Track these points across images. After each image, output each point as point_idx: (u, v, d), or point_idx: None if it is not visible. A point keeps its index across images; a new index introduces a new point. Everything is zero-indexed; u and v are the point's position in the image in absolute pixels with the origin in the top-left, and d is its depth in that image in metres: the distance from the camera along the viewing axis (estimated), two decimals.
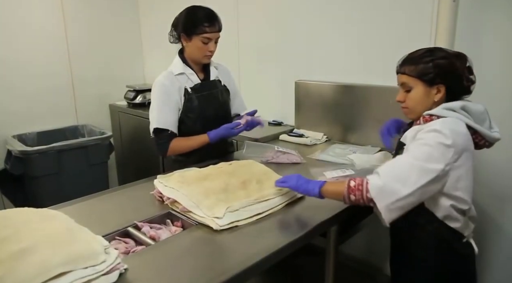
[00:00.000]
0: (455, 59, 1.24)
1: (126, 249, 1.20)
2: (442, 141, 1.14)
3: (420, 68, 1.25)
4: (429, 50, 1.27)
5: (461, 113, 1.22)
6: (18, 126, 3.13)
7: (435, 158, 1.13)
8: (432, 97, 1.26)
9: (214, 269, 1.07)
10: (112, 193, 1.63)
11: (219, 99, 1.95)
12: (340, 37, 2.31)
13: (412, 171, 1.14)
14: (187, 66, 1.87)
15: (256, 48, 2.81)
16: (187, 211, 1.36)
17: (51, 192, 2.83)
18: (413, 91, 1.28)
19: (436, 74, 1.23)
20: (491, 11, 1.72)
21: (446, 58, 1.24)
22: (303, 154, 2.07)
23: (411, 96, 1.28)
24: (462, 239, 1.26)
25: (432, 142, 1.15)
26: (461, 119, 1.21)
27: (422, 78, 1.25)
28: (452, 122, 1.18)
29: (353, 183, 1.22)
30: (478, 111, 1.25)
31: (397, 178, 1.15)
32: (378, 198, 1.16)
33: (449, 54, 1.26)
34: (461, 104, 1.22)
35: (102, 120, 3.64)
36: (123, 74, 3.77)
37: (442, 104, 1.24)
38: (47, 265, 0.88)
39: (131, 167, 3.66)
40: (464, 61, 1.25)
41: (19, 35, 3.07)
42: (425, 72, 1.24)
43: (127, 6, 3.74)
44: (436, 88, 1.24)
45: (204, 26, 1.73)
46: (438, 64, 1.23)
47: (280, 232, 1.27)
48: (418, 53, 1.28)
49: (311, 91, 2.45)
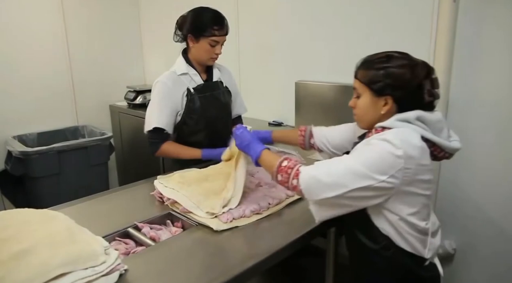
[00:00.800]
0: (414, 70, 1.10)
1: (126, 250, 1.20)
2: (391, 151, 1.03)
3: (370, 75, 1.13)
4: (388, 56, 1.14)
5: (416, 124, 1.10)
6: (18, 127, 3.13)
7: (380, 168, 1.03)
8: (379, 109, 1.14)
9: (214, 269, 1.07)
10: (112, 193, 1.63)
11: (221, 101, 1.95)
12: (340, 38, 2.31)
13: (350, 173, 1.05)
14: (190, 66, 1.86)
15: (256, 49, 2.81)
16: (187, 211, 1.36)
17: (52, 193, 2.83)
18: (361, 99, 1.17)
19: (386, 84, 1.10)
20: (492, 11, 1.72)
21: (402, 67, 1.10)
22: (303, 154, 2.07)
23: (359, 104, 1.18)
24: (424, 262, 1.15)
25: (381, 150, 1.04)
26: (416, 131, 1.09)
27: (370, 86, 1.13)
28: (405, 133, 1.07)
29: (285, 163, 1.16)
30: (434, 120, 1.13)
31: (330, 175, 1.06)
32: (306, 189, 1.10)
33: (409, 63, 1.12)
34: (416, 115, 1.10)
35: (102, 121, 3.64)
36: (123, 75, 3.77)
37: (395, 115, 1.12)
38: (47, 266, 0.88)
39: (131, 167, 3.66)
40: (426, 72, 1.12)
41: (19, 36, 3.08)
42: (373, 80, 1.12)
43: (127, 7, 3.74)
44: (384, 100, 1.12)
45: (213, 29, 1.72)
46: (389, 73, 1.10)
47: (280, 233, 1.27)
48: (376, 56, 1.16)
49: (311, 91, 2.45)
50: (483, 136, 1.81)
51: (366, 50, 2.17)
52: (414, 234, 1.11)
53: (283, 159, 1.18)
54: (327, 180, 1.06)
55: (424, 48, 1.91)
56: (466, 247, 1.96)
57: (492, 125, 1.78)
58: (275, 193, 1.48)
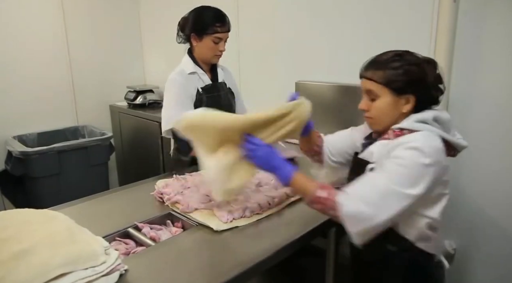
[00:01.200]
0: (427, 66, 1.12)
1: (126, 250, 1.20)
2: (421, 161, 1.01)
3: (388, 75, 1.10)
4: (398, 54, 1.13)
5: (434, 125, 1.10)
6: (18, 127, 3.13)
7: (413, 182, 1.01)
8: (400, 108, 1.12)
9: (214, 269, 1.07)
10: (112, 193, 1.63)
11: (226, 102, 1.95)
12: (340, 38, 2.31)
13: (387, 196, 1.02)
14: (197, 66, 1.86)
15: (256, 49, 2.81)
16: (187, 211, 1.36)
17: (52, 193, 2.83)
18: (380, 100, 1.13)
19: (406, 82, 1.09)
20: (492, 11, 1.72)
21: (417, 64, 1.11)
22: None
23: (377, 106, 1.14)
24: (434, 259, 1.18)
25: (410, 162, 1.02)
26: (434, 132, 1.08)
27: (390, 86, 1.10)
28: (430, 138, 1.06)
29: (322, 194, 1.09)
30: (447, 120, 1.13)
31: (369, 204, 1.02)
32: (350, 223, 1.04)
33: (420, 59, 1.13)
34: (433, 115, 1.10)
35: (102, 121, 3.64)
36: (124, 75, 3.77)
37: (412, 116, 1.11)
38: (47, 266, 0.88)
39: (131, 167, 3.66)
40: (434, 68, 1.14)
41: (19, 36, 3.07)
42: (394, 80, 1.10)
43: (127, 7, 3.74)
44: (405, 98, 1.11)
45: (216, 26, 1.74)
46: (408, 71, 1.09)
47: (280, 233, 1.27)
48: (386, 56, 1.14)
49: (311, 91, 2.44)
50: (484, 137, 1.80)
51: (366, 50, 2.17)
52: (429, 233, 1.12)
53: (318, 188, 1.11)
54: (368, 212, 1.01)
55: (424, 48, 1.91)
56: (466, 247, 1.96)
57: (492, 125, 1.78)
58: (275, 193, 1.48)
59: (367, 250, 1.13)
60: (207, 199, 1.42)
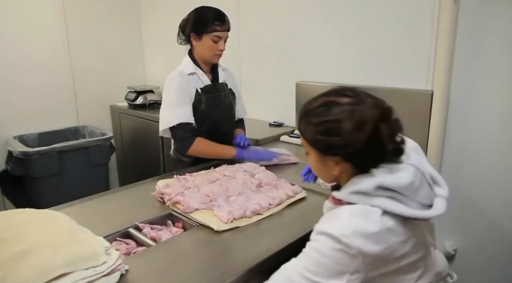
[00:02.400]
0: (360, 116, 0.87)
1: (127, 250, 1.20)
2: (341, 248, 0.83)
3: (310, 132, 0.93)
4: (328, 104, 0.91)
5: (376, 195, 0.87)
6: (19, 127, 3.13)
7: (333, 272, 0.84)
8: (330, 170, 0.95)
9: (215, 270, 1.07)
10: (113, 194, 1.62)
11: (226, 102, 1.95)
12: (341, 38, 2.31)
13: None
14: (197, 66, 1.86)
15: (256, 49, 2.82)
16: (188, 211, 1.36)
17: (52, 193, 2.83)
18: (309, 157, 1.00)
19: (329, 142, 0.90)
20: (493, 12, 1.72)
21: (345, 118, 0.87)
22: (304, 155, 2.07)
23: (310, 162, 1.01)
24: None
25: (327, 249, 0.84)
26: (378, 206, 0.87)
27: (313, 145, 0.94)
28: (361, 215, 0.86)
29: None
30: (403, 185, 0.87)
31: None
32: None
33: (352, 109, 0.88)
34: (375, 184, 0.87)
35: (103, 121, 3.64)
36: (124, 75, 3.78)
37: (351, 183, 0.91)
38: (48, 266, 0.88)
39: (132, 168, 3.66)
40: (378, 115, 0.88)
41: (19, 36, 3.08)
42: (314, 139, 0.93)
43: (128, 7, 3.74)
44: (333, 160, 0.93)
45: (214, 25, 1.74)
46: (329, 129, 0.89)
47: (281, 233, 1.27)
48: (314, 105, 0.94)
49: (312, 92, 2.41)
50: (484, 137, 1.81)
51: (367, 51, 2.19)
52: None
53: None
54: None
55: (425, 49, 1.92)
56: (467, 248, 1.96)
57: (493, 125, 1.78)
58: (276, 194, 1.48)
59: None
60: (207, 199, 1.42)
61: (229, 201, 1.41)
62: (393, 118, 0.91)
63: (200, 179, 1.58)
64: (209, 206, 1.38)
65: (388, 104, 0.92)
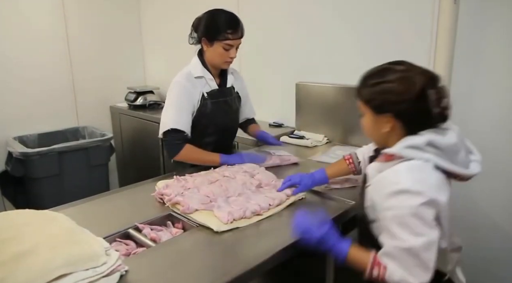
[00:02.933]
0: (410, 80, 1.01)
1: (126, 251, 1.20)
2: (417, 204, 0.95)
3: (366, 93, 1.07)
4: (383, 70, 1.06)
5: (427, 151, 1.00)
6: (19, 128, 3.13)
7: (424, 226, 0.95)
8: (381, 128, 1.06)
9: (215, 270, 1.07)
10: (112, 194, 1.62)
11: (232, 107, 1.93)
12: (341, 39, 2.31)
13: (415, 259, 0.96)
14: (206, 70, 1.82)
15: (257, 50, 2.81)
16: (188, 212, 1.36)
17: (52, 194, 2.83)
18: (364, 118, 1.11)
19: (383, 100, 1.03)
20: (493, 12, 1.72)
21: (397, 79, 1.02)
22: (304, 155, 2.07)
23: (363, 123, 1.12)
24: (443, 278, 1.11)
25: (408, 209, 0.95)
26: (428, 159, 1.00)
27: (368, 105, 1.06)
28: (417, 170, 0.98)
29: (376, 272, 1.03)
30: (449, 145, 1.02)
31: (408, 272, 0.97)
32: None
33: (404, 74, 1.03)
34: (426, 140, 1.00)
35: (103, 122, 3.64)
36: (124, 76, 3.78)
37: (403, 140, 1.03)
38: (48, 267, 0.88)
39: (131, 168, 3.66)
40: (426, 81, 1.01)
41: (20, 37, 3.08)
42: (370, 98, 1.05)
43: (128, 7, 3.74)
44: (385, 117, 1.04)
45: (227, 33, 1.67)
46: (384, 88, 1.02)
47: (281, 234, 1.27)
48: (371, 72, 1.09)
49: (311, 93, 2.45)
50: (485, 137, 1.80)
51: (367, 51, 2.19)
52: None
53: (371, 267, 1.04)
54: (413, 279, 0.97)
55: (425, 49, 1.92)
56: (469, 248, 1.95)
57: (493, 125, 1.78)
58: (276, 194, 1.48)
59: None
60: (207, 200, 1.42)
61: (229, 202, 1.41)
62: (440, 85, 1.03)
63: (200, 180, 1.58)
64: (209, 206, 1.38)
65: (436, 74, 1.05)
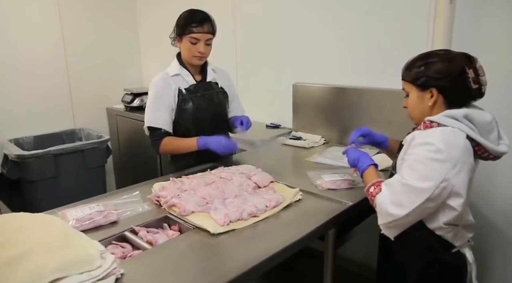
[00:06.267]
0: (452, 60, 1.17)
1: (122, 254, 1.19)
2: (434, 156, 1.10)
3: (412, 73, 1.23)
4: (427, 54, 1.24)
5: (463, 122, 1.15)
6: (14, 130, 3.12)
7: (428, 176, 1.10)
8: (426, 102, 1.22)
9: (211, 273, 1.07)
10: (109, 196, 1.62)
11: (214, 101, 1.95)
12: (338, 40, 2.31)
13: (404, 193, 1.14)
14: (183, 67, 1.90)
15: (253, 51, 2.81)
16: (184, 214, 1.35)
17: (48, 196, 2.82)
18: (410, 97, 1.28)
19: (428, 77, 1.19)
20: (488, 11, 1.72)
21: (440, 59, 1.19)
22: (302, 156, 2.07)
23: (409, 102, 1.28)
24: (452, 249, 1.21)
25: (423, 158, 1.12)
26: (462, 129, 1.14)
27: (415, 83, 1.23)
28: (450, 133, 1.13)
29: (372, 189, 1.27)
30: (484, 122, 1.17)
31: (393, 200, 1.17)
32: (379, 215, 1.24)
33: (447, 55, 1.20)
34: (464, 113, 1.15)
35: (99, 124, 3.63)
36: (121, 78, 3.77)
37: (444, 111, 1.19)
38: (42, 271, 0.87)
39: (128, 170, 3.65)
40: (466, 61, 1.17)
41: (15, 39, 3.07)
42: (416, 77, 1.22)
43: (124, 9, 3.74)
44: (429, 92, 1.21)
45: (191, 26, 1.77)
46: (429, 67, 1.19)
47: (278, 235, 1.27)
48: (415, 57, 1.26)
49: (308, 93, 2.45)
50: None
51: (364, 52, 2.20)
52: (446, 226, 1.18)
53: (372, 184, 1.28)
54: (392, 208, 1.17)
55: (421, 49, 1.91)
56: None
57: None
58: (272, 196, 1.48)
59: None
60: (204, 202, 1.41)
61: (226, 204, 1.40)
62: (477, 65, 1.17)
63: (196, 182, 1.58)
64: (205, 208, 1.38)
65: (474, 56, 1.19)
